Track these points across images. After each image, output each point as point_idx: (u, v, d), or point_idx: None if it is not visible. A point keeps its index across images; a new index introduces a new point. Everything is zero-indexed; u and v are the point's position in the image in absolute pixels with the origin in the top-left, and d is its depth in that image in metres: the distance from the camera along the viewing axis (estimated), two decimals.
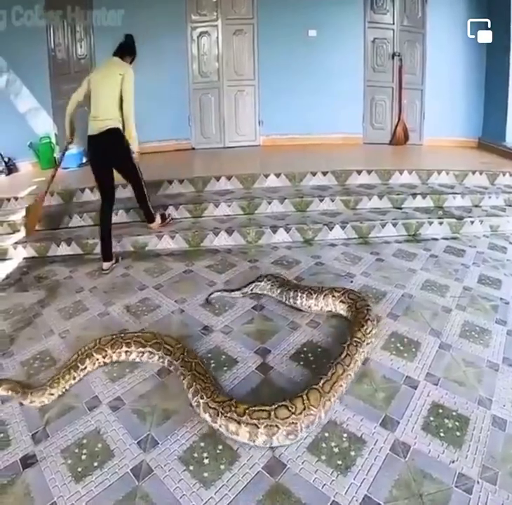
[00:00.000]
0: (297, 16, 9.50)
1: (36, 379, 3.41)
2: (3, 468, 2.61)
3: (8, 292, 5.16)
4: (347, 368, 3.00)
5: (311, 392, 2.74)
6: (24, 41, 9.31)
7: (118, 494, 2.39)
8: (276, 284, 4.26)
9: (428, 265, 5.04)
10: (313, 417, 2.68)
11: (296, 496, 2.31)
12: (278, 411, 2.61)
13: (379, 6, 9.73)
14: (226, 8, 9.64)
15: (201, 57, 9.86)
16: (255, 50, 9.79)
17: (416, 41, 9.83)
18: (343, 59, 9.66)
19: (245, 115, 10.05)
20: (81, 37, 9.83)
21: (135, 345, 3.51)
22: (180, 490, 2.39)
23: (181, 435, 2.78)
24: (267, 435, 2.58)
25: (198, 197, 6.91)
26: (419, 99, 9.98)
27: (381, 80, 9.89)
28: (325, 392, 2.77)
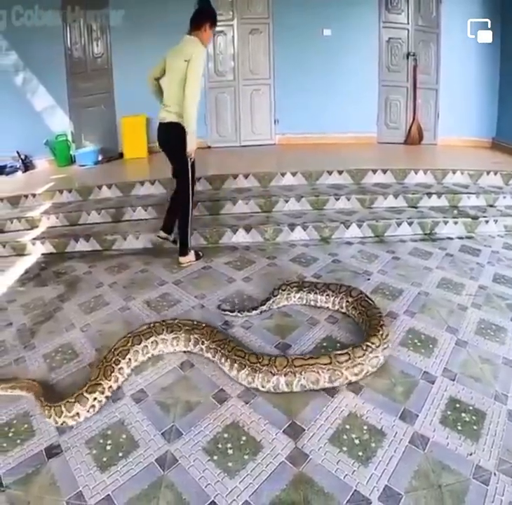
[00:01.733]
0: (312, 16, 9.53)
1: (57, 372, 3.49)
2: (28, 458, 2.65)
3: (27, 286, 5.22)
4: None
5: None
6: (41, 40, 9.43)
7: (144, 483, 2.44)
8: (293, 291, 4.26)
9: (443, 264, 5.08)
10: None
11: (319, 486, 2.37)
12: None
13: (393, 6, 9.73)
14: (242, 7, 9.71)
15: (217, 56, 9.92)
16: (271, 49, 9.84)
17: (430, 40, 9.82)
18: (358, 59, 9.68)
19: (261, 114, 10.10)
20: (97, 36, 9.92)
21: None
22: (205, 480, 2.44)
23: (204, 426, 2.84)
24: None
25: (216, 195, 6.97)
26: (434, 98, 9.96)
27: (395, 79, 9.91)
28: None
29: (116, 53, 9.67)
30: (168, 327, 3.65)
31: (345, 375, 3.11)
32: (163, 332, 3.61)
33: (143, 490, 2.40)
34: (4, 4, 9.21)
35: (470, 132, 9.81)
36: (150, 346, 3.55)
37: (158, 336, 3.59)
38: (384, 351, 3.29)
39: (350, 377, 3.13)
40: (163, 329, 3.63)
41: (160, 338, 3.60)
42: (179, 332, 3.62)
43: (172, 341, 3.62)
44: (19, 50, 9.65)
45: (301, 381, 3.07)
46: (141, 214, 6.67)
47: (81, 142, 10.32)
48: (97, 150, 9.79)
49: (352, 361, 3.10)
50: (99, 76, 10.09)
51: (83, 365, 3.57)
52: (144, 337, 3.54)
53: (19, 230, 6.78)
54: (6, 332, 4.20)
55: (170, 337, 3.62)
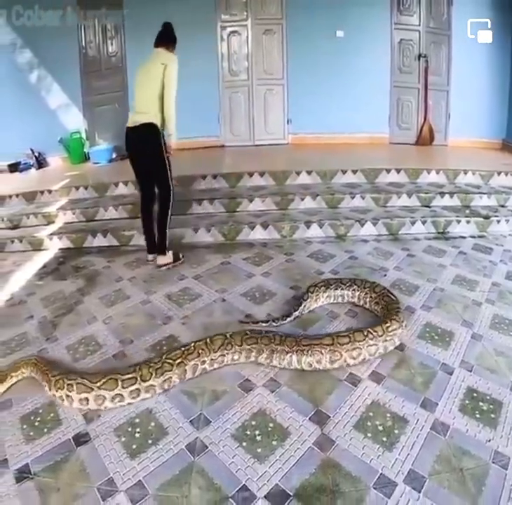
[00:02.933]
0: (325, 17, 9.64)
1: (81, 363, 3.55)
2: (56, 446, 2.71)
3: (46, 280, 5.30)
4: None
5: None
6: (55, 39, 9.58)
7: (175, 469, 2.50)
8: (321, 291, 4.33)
9: (457, 261, 5.18)
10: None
11: (346, 470, 2.46)
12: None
13: (405, 8, 9.83)
14: (256, 8, 9.83)
15: (231, 56, 10.05)
16: (284, 49, 9.95)
17: (441, 42, 9.93)
18: (370, 60, 9.79)
19: (274, 113, 10.21)
20: (112, 35, 10.07)
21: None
22: (235, 465, 2.51)
23: (232, 414, 2.92)
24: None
25: (232, 192, 7.07)
26: (444, 100, 10.06)
27: (407, 81, 10.01)
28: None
29: (130, 52, 9.76)
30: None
31: (344, 357, 3.30)
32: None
33: (174, 476, 2.46)
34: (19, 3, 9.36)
35: (480, 134, 9.87)
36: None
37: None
38: (385, 342, 3.43)
39: (348, 360, 3.31)
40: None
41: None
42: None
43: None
44: (34, 49, 9.83)
45: (308, 359, 3.30)
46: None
47: (95, 139, 10.47)
48: (111, 148, 9.91)
49: (352, 344, 3.30)
50: (113, 75, 10.22)
51: (108, 356, 3.64)
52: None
53: (35, 225, 6.88)
54: (27, 325, 4.28)
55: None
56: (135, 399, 3.01)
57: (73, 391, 2.99)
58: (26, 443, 2.75)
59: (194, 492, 2.37)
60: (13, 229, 6.96)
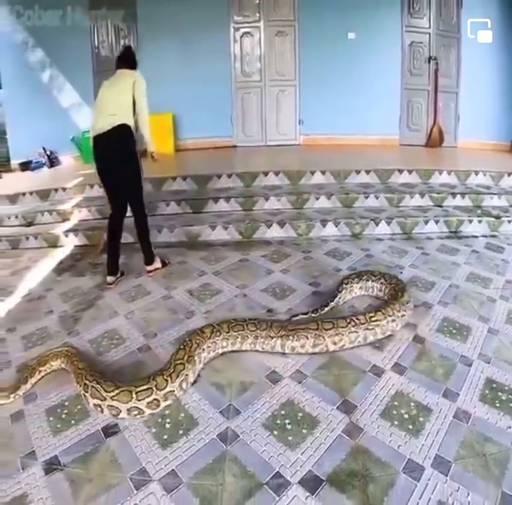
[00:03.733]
0: (336, 19, 9.73)
1: (105, 357, 3.65)
2: (85, 437, 2.78)
3: (63, 276, 5.41)
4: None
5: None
6: (68, 39, 9.70)
7: (208, 457, 2.58)
8: (354, 282, 4.44)
9: (470, 259, 5.28)
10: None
11: (375, 455, 2.57)
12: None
13: (416, 11, 9.90)
14: (268, 9, 9.93)
15: (244, 57, 10.14)
16: (296, 51, 10.05)
17: (451, 45, 9.99)
18: (381, 62, 9.87)
19: (286, 114, 10.30)
20: (124, 35, 10.16)
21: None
22: (267, 453, 2.59)
23: (261, 404, 3.02)
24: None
25: (248, 191, 7.18)
26: (454, 102, 10.12)
27: (417, 83, 10.08)
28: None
29: (143, 52, 9.75)
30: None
31: (326, 342, 3.49)
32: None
33: (208, 464, 2.54)
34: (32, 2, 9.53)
35: (489, 136, 9.92)
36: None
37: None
38: (366, 330, 3.58)
39: (329, 345, 3.49)
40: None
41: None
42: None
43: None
44: (46, 48, 9.96)
45: (292, 343, 3.51)
46: (174, 209, 6.88)
47: None
48: None
49: (335, 330, 3.49)
50: None
51: (132, 350, 3.73)
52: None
53: (50, 223, 6.99)
54: (48, 319, 4.37)
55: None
56: (156, 409, 2.99)
57: (88, 392, 3.04)
58: (53, 435, 2.81)
59: (229, 479, 2.44)
60: (27, 226, 7.07)
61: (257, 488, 2.39)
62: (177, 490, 2.39)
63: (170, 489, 2.40)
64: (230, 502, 2.32)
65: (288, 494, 2.35)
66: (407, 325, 3.85)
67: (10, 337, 4.11)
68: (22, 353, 3.78)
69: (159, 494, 2.37)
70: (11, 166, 10.59)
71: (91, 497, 2.37)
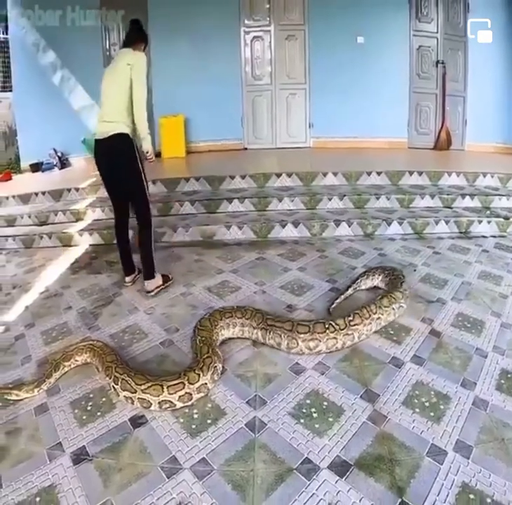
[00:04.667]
0: (346, 23, 9.83)
1: (128, 351, 3.74)
2: (112, 428, 2.86)
3: (80, 274, 5.51)
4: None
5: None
6: (79, 41, 9.79)
7: (237, 445, 2.66)
8: (377, 273, 4.64)
9: (481, 258, 5.41)
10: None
11: (400, 441, 2.69)
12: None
13: (423, 15, 9.99)
14: (279, 14, 10.03)
15: (254, 60, 10.24)
16: (306, 55, 10.15)
17: (458, 49, 10.07)
18: (390, 66, 9.97)
19: (296, 117, 10.40)
20: None
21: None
22: (296, 440, 2.69)
23: (286, 394, 3.13)
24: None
25: (261, 192, 7.30)
26: (461, 105, 10.20)
27: (425, 86, 10.16)
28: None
29: (154, 54, 9.90)
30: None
31: (300, 346, 3.55)
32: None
33: (237, 452, 2.62)
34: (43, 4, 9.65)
35: (496, 139, 10.01)
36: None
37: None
38: (345, 336, 3.61)
39: (304, 349, 3.55)
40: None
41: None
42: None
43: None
44: (58, 51, 10.05)
45: (270, 340, 3.64)
46: (188, 209, 7.01)
47: None
48: None
49: (311, 334, 3.52)
50: None
51: (155, 344, 3.82)
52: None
53: (63, 222, 7.12)
54: (67, 315, 4.47)
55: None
56: (188, 402, 3.06)
57: (118, 385, 3.12)
58: (80, 427, 2.89)
59: (259, 465, 2.53)
60: (40, 225, 7.18)
61: (287, 473, 2.48)
62: (209, 477, 2.47)
63: (202, 476, 2.47)
64: (262, 487, 2.40)
65: (318, 478, 2.45)
66: (423, 319, 4.01)
67: (30, 332, 4.20)
68: (43, 348, 3.88)
69: (191, 481, 2.44)
70: (21, 167, 10.67)
71: (122, 486, 2.44)
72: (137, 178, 4.56)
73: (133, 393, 3.04)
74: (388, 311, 3.89)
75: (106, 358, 3.36)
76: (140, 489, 2.42)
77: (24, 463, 2.62)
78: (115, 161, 4.55)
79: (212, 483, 2.43)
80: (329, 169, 7.72)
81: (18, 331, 4.25)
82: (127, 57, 4.43)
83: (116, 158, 4.53)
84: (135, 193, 4.68)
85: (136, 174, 4.55)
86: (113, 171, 4.63)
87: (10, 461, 2.65)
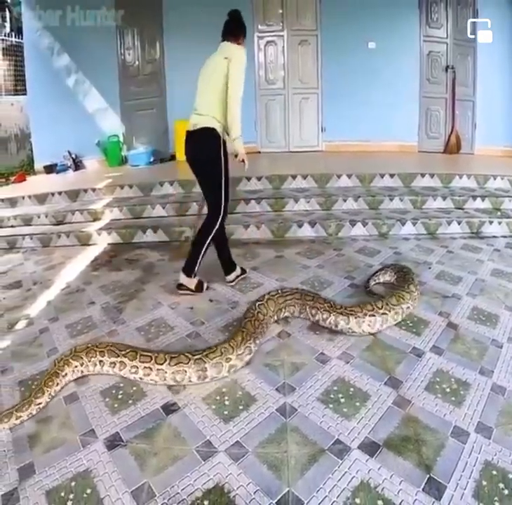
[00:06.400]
0: (357, 29, 10.02)
1: (155, 343, 3.85)
2: (145, 415, 2.93)
3: (101, 271, 5.66)
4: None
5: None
6: (94, 45, 10.06)
7: (270, 429, 2.75)
8: (389, 270, 4.84)
9: (493, 257, 5.58)
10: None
11: (424, 423, 2.84)
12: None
13: (433, 21, 10.19)
14: (292, 19, 10.24)
15: (268, 65, 10.43)
16: (319, 59, 10.36)
17: (468, 54, 10.24)
18: (400, 71, 10.17)
19: (309, 121, 10.59)
20: (150, 41, 10.45)
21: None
22: (326, 423, 2.79)
23: (314, 382, 3.25)
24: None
25: (277, 193, 7.48)
26: (471, 109, 10.35)
27: (435, 91, 10.34)
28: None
29: (170, 57, 10.22)
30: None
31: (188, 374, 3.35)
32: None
33: (270, 435, 2.70)
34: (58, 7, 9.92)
35: (505, 142, 10.15)
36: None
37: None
38: (238, 358, 3.42)
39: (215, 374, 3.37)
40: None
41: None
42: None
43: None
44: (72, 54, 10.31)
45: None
46: (205, 209, 6.96)
47: (132, 143, 10.83)
48: (150, 151, 10.28)
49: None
50: (151, 80, 10.66)
51: (181, 336, 3.94)
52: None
53: (80, 222, 7.29)
54: (91, 310, 4.59)
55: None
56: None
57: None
58: (112, 414, 2.97)
59: (292, 447, 2.63)
60: (57, 224, 7.36)
61: (320, 454, 2.58)
62: (244, 458, 2.56)
63: (237, 458, 2.56)
64: (296, 467, 2.50)
65: (350, 457, 2.58)
66: (440, 313, 4.19)
67: (54, 325, 4.31)
68: (68, 341, 3.97)
69: (227, 463, 2.54)
70: (35, 169, 10.91)
71: (159, 469, 2.52)
72: (216, 178, 4.50)
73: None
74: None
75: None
76: (177, 471, 2.50)
77: (57, 450, 2.70)
78: (196, 156, 4.54)
79: (247, 464, 2.53)
80: (343, 171, 7.88)
81: (42, 325, 4.35)
82: (225, 51, 4.39)
83: (198, 153, 4.51)
84: (209, 191, 4.65)
85: (215, 174, 4.49)
86: (195, 165, 4.61)
87: (42, 448, 2.74)
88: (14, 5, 15.38)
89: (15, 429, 2.90)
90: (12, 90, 14.13)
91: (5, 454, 2.70)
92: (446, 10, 10.16)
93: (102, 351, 3.41)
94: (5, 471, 2.56)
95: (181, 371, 3.21)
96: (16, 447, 2.75)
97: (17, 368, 3.63)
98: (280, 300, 4.06)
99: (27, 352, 3.87)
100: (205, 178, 4.63)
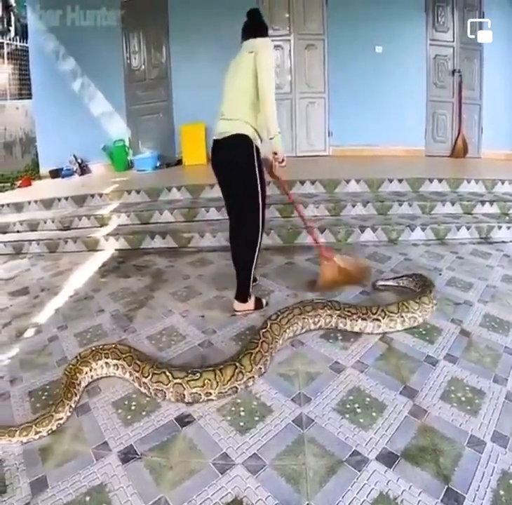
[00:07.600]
0: (364, 33, 10.03)
1: (167, 352, 3.80)
2: (159, 427, 2.89)
3: (109, 278, 5.64)
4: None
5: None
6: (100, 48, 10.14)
7: (287, 440, 2.71)
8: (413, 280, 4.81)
9: (502, 263, 5.57)
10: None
11: (441, 433, 2.84)
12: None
13: (440, 25, 10.21)
14: (299, 23, 10.24)
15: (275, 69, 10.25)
16: (325, 64, 10.35)
17: (474, 57, 10.27)
18: (407, 75, 10.16)
19: (316, 126, 10.58)
20: (156, 44, 10.50)
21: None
22: (343, 434, 2.75)
23: (329, 391, 3.26)
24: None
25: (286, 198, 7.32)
26: (477, 113, 10.39)
27: (442, 95, 10.36)
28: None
29: (176, 62, 10.25)
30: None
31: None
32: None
33: (288, 446, 2.67)
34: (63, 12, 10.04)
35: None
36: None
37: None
38: (218, 395, 3.22)
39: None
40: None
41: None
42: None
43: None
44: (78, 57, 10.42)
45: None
46: (214, 215, 7.18)
47: (138, 148, 10.88)
48: (156, 156, 10.32)
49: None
50: (157, 85, 10.70)
51: (194, 345, 3.89)
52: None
53: (87, 227, 7.31)
54: (100, 318, 4.57)
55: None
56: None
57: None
58: (125, 426, 2.93)
59: (310, 459, 2.59)
60: (64, 230, 7.37)
61: (338, 465, 2.55)
62: (262, 471, 2.53)
63: (255, 471, 2.53)
64: (315, 479, 2.46)
65: (368, 469, 2.57)
66: (452, 320, 4.18)
67: (63, 334, 4.28)
68: (78, 349, 3.85)
69: (245, 476, 2.50)
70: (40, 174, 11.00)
71: (175, 483, 2.48)
72: (251, 187, 4.06)
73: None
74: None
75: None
76: (194, 485, 2.46)
77: (70, 463, 2.65)
78: (227, 168, 4.13)
79: (265, 477, 2.49)
80: (351, 176, 7.88)
81: (51, 333, 4.32)
82: (249, 46, 3.99)
83: (228, 166, 4.11)
84: (245, 203, 4.15)
85: (250, 185, 4.06)
86: (225, 178, 4.24)
87: (54, 461, 2.69)
88: (19, 9, 15.41)
89: (27, 441, 2.86)
90: (17, 94, 14.20)
91: (17, 467, 2.67)
92: (452, 14, 10.19)
93: (107, 352, 3.45)
94: (17, 485, 2.53)
95: (160, 390, 3.18)
96: (27, 460, 2.72)
97: (27, 378, 3.60)
98: (284, 321, 3.89)
99: (36, 361, 3.84)
100: (238, 190, 4.14)
